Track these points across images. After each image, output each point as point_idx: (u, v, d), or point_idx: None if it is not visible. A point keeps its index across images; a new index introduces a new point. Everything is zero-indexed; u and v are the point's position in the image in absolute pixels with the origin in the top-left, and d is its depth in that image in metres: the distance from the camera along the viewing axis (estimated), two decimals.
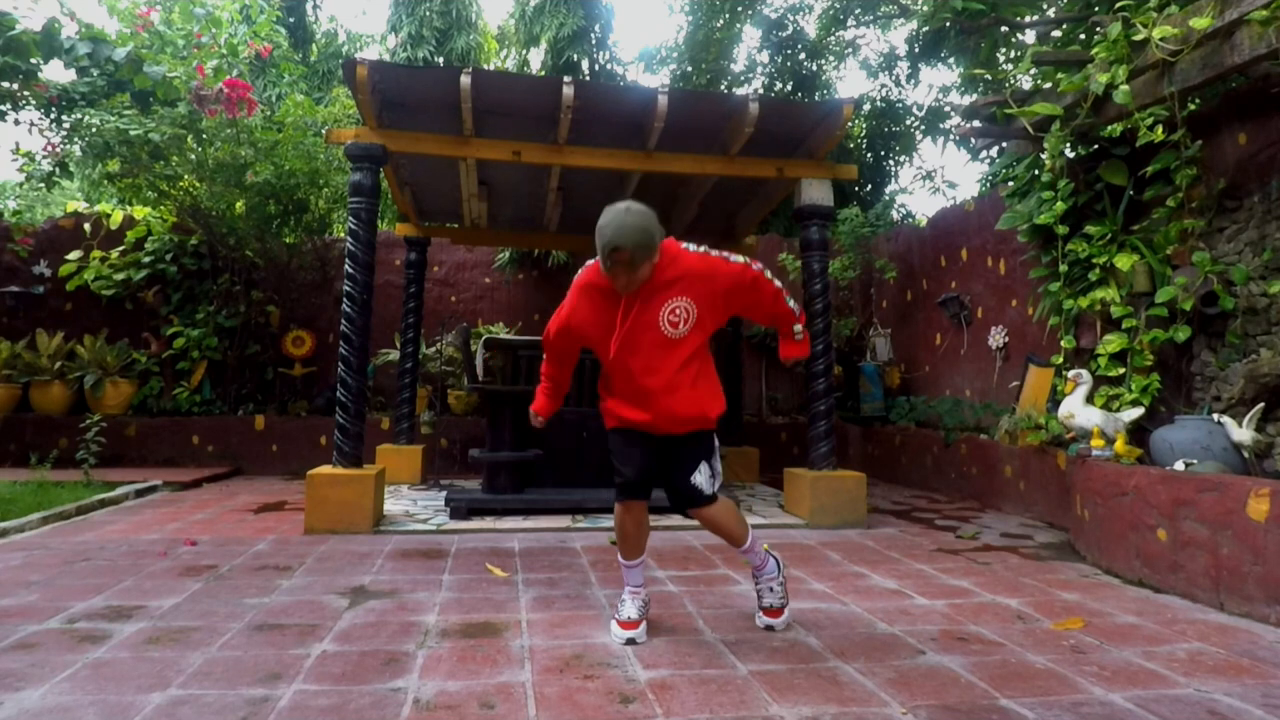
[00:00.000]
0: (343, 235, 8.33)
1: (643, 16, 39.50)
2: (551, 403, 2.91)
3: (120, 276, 7.61)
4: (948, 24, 6.06)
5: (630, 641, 2.55)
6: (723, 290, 2.53)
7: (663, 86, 4.67)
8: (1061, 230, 4.49)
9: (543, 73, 9.60)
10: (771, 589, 2.75)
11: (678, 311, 2.48)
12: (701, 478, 2.62)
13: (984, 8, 5.70)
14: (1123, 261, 4.22)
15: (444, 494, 5.43)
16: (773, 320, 2.75)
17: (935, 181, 10.47)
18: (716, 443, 2.73)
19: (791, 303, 2.72)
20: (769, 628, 2.73)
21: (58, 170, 6.50)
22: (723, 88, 10.22)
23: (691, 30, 10.28)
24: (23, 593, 3.01)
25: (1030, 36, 6.80)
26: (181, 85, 6.28)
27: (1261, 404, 3.56)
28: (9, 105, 5.79)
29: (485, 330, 8.00)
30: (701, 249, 2.56)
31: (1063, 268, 4.55)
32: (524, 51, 10.40)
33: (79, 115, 6.19)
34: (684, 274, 2.48)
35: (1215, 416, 3.63)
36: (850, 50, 11.01)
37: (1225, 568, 3.02)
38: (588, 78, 9.55)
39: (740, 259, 2.59)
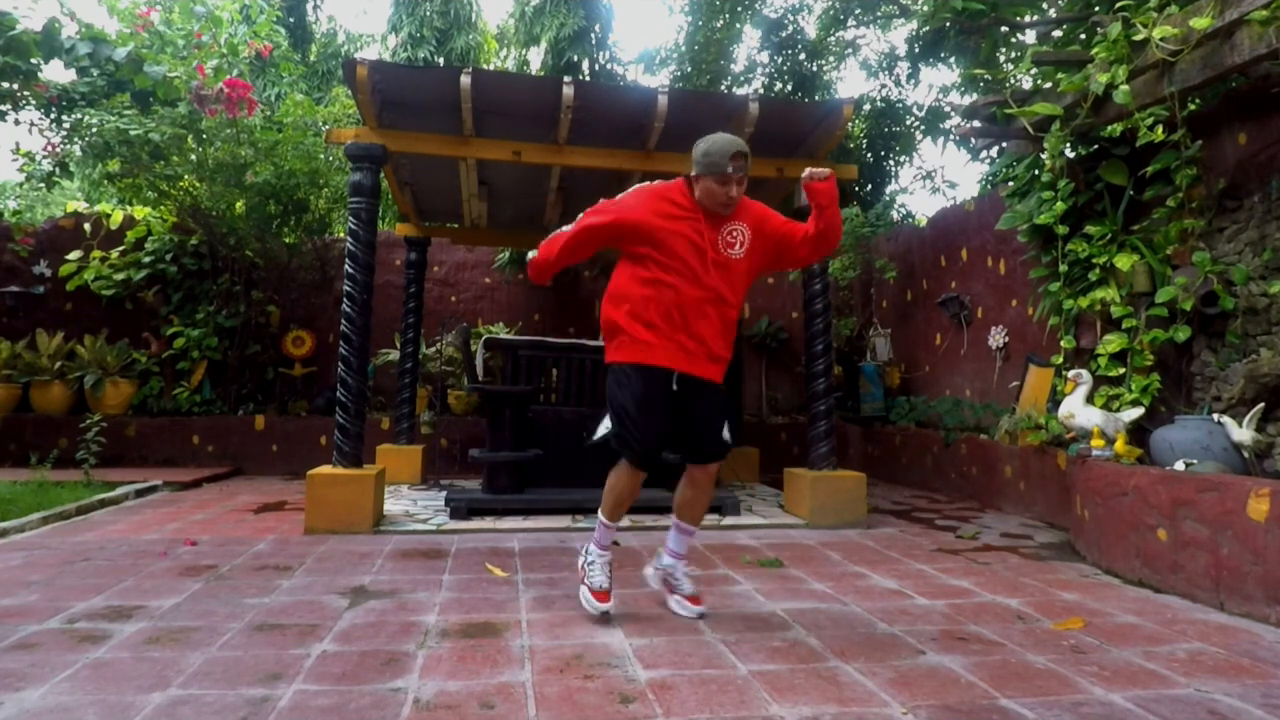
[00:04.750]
0: (343, 235, 8.33)
1: (643, 17, 39.53)
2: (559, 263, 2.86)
3: (120, 276, 7.60)
4: (948, 24, 6.06)
5: (605, 615, 2.68)
6: (770, 228, 2.81)
7: (662, 87, 4.67)
8: (1061, 230, 4.49)
9: (543, 73, 9.60)
10: (689, 574, 2.93)
11: (734, 233, 2.75)
12: (727, 433, 2.82)
13: (984, 8, 5.69)
14: (1123, 261, 4.22)
15: (444, 494, 5.43)
16: (817, 229, 2.78)
17: (935, 181, 10.45)
18: None
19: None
20: (701, 616, 2.81)
21: (58, 170, 6.50)
22: (723, 88, 10.22)
23: (691, 31, 10.27)
24: (23, 593, 3.01)
25: (1030, 36, 6.80)
26: (181, 85, 6.28)
27: (1261, 404, 3.55)
28: (9, 105, 5.79)
29: (485, 330, 8.00)
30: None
31: (1063, 268, 4.55)
32: (524, 51, 10.40)
33: (79, 115, 6.19)
34: (747, 207, 2.80)
35: (1215, 416, 3.63)
36: (850, 50, 11.00)
37: (1225, 568, 3.02)
38: (588, 78, 9.56)
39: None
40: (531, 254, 2.89)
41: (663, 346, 2.69)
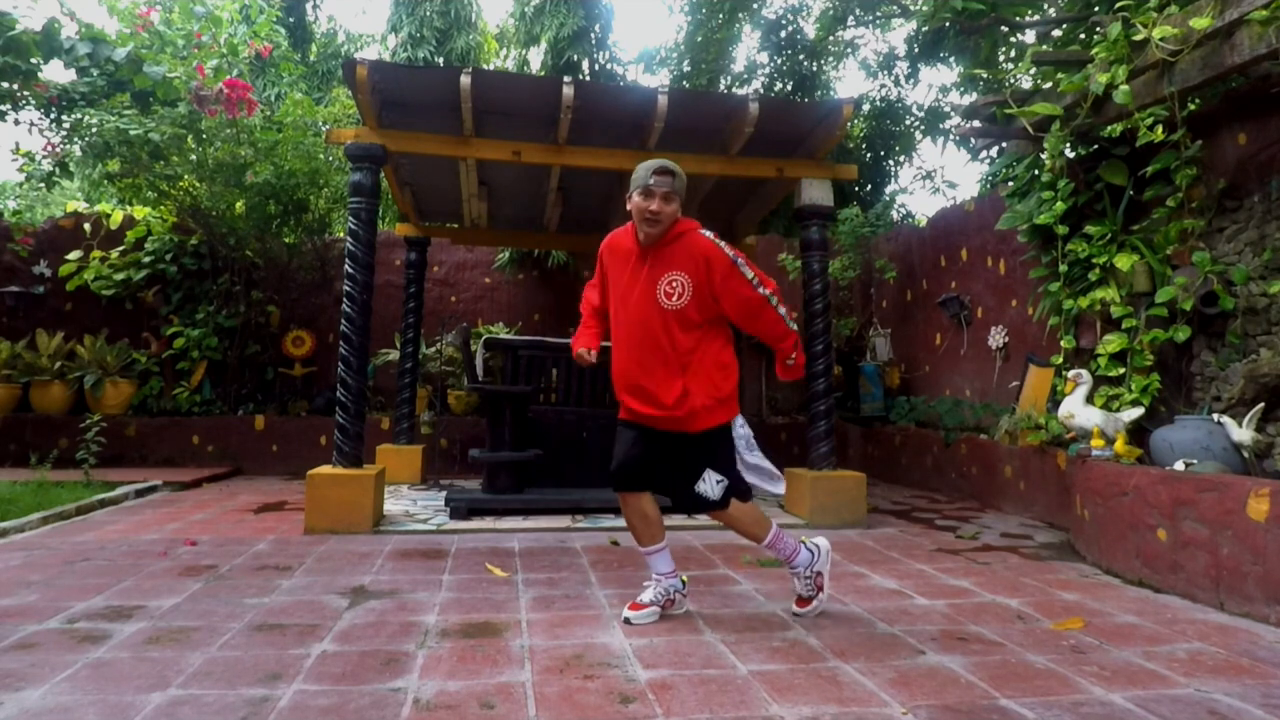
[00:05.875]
0: (343, 235, 8.32)
1: (643, 17, 39.53)
2: (594, 336, 2.96)
3: (120, 276, 7.61)
4: (948, 24, 6.06)
5: (627, 621, 2.72)
6: (716, 278, 2.65)
7: (662, 87, 4.67)
8: (1061, 230, 4.49)
9: (543, 73, 9.60)
10: (800, 578, 2.85)
11: (674, 284, 2.66)
12: (705, 485, 2.68)
13: (984, 8, 5.69)
14: (1123, 261, 4.22)
15: (444, 494, 5.44)
16: (762, 334, 2.76)
17: (935, 181, 10.46)
18: (733, 443, 2.77)
19: (784, 314, 2.72)
20: (795, 615, 2.85)
21: (58, 170, 6.49)
22: (722, 88, 10.22)
23: (691, 30, 10.27)
24: (23, 593, 3.01)
25: (1030, 36, 6.80)
26: (181, 85, 6.28)
27: (1261, 404, 3.55)
28: (9, 105, 5.78)
29: (485, 330, 8.00)
30: (720, 243, 2.69)
31: (1063, 268, 4.55)
32: (524, 51, 10.40)
33: (79, 115, 6.18)
34: (689, 246, 2.67)
35: (1215, 416, 3.63)
36: (850, 50, 11.01)
37: (1225, 568, 3.02)
38: (588, 78, 9.55)
39: (734, 258, 2.67)
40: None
41: (626, 399, 2.77)
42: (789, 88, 10.36)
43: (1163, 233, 4.19)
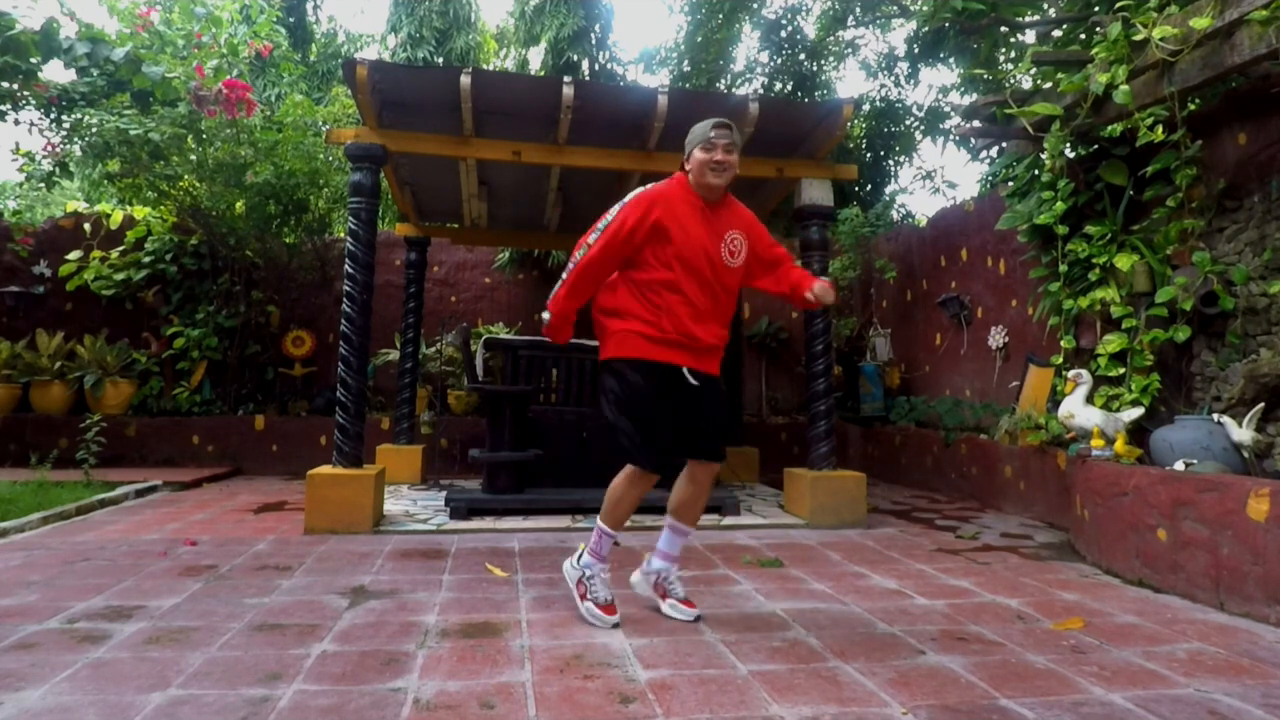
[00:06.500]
0: (343, 235, 8.33)
1: (643, 17, 39.54)
2: (571, 326, 2.86)
3: (120, 276, 7.61)
4: (948, 24, 6.06)
5: (617, 625, 2.69)
6: (757, 236, 2.87)
7: (662, 87, 4.67)
8: (1061, 230, 4.49)
9: (543, 73, 9.59)
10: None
11: (735, 243, 2.80)
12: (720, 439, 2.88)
13: (984, 8, 5.69)
14: (1123, 261, 4.22)
15: (444, 494, 5.43)
16: (787, 277, 2.94)
17: (935, 181, 10.46)
18: None
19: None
20: (698, 619, 2.78)
21: (58, 170, 6.49)
22: (722, 88, 10.22)
23: (690, 30, 10.28)
24: (23, 593, 3.01)
25: (1030, 36, 6.80)
26: (180, 85, 6.28)
27: (1261, 404, 3.55)
28: (9, 105, 5.78)
29: (485, 330, 8.01)
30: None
31: (1063, 268, 4.55)
32: (524, 51, 10.40)
33: (79, 115, 6.18)
34: (737, 208, 2.86)
35: (1215, 416, 3.63)
36: (850, 50, 11.01)
37: (1225, 568, 3.02)
38: (588, 78, 9.55)
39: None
40: (544, 316, 2.84)
41: (672, 341, 2.70)
42: (789, 88, 10.36)
43: (1163, 233, 4.19)
